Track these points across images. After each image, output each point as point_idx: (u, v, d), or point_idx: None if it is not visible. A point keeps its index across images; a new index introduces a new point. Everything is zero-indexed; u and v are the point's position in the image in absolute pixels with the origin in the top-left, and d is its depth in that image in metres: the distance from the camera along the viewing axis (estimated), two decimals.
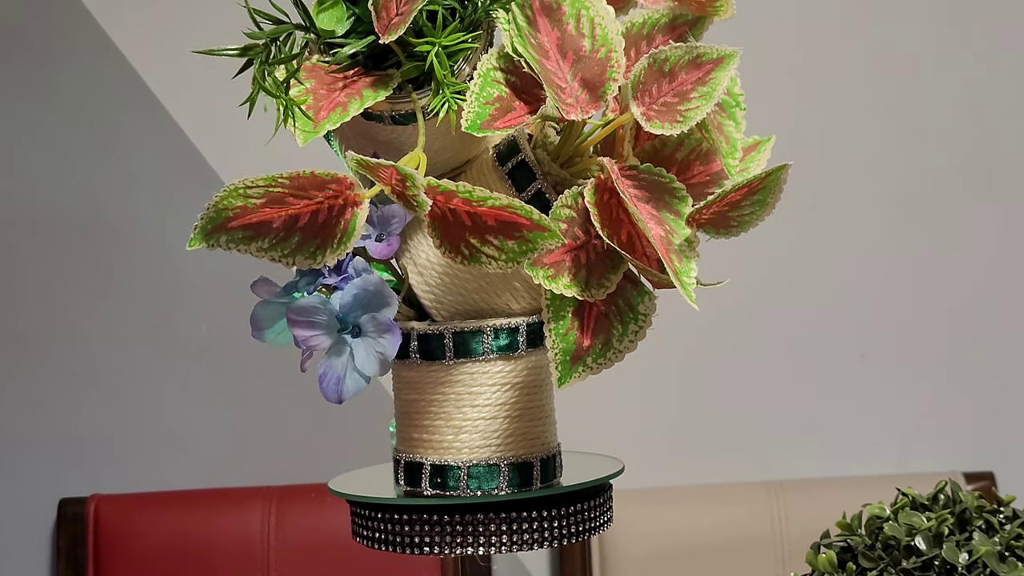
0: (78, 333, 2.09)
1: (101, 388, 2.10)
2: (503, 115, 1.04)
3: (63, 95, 2.08)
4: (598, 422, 2.03)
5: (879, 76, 2.15)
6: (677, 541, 2.04)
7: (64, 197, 2.08)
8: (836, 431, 2.16)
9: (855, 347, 2.16)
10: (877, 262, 2.16)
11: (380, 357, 1.06)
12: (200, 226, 1.01)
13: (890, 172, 2.16)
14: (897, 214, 2.16)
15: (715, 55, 1.05)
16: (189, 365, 2.10)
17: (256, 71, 1.03)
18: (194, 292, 2.09)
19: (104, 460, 2.10)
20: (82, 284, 2.09)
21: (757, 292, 2.14)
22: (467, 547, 1.09)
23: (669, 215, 1.03)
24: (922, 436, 2.17)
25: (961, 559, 1.05)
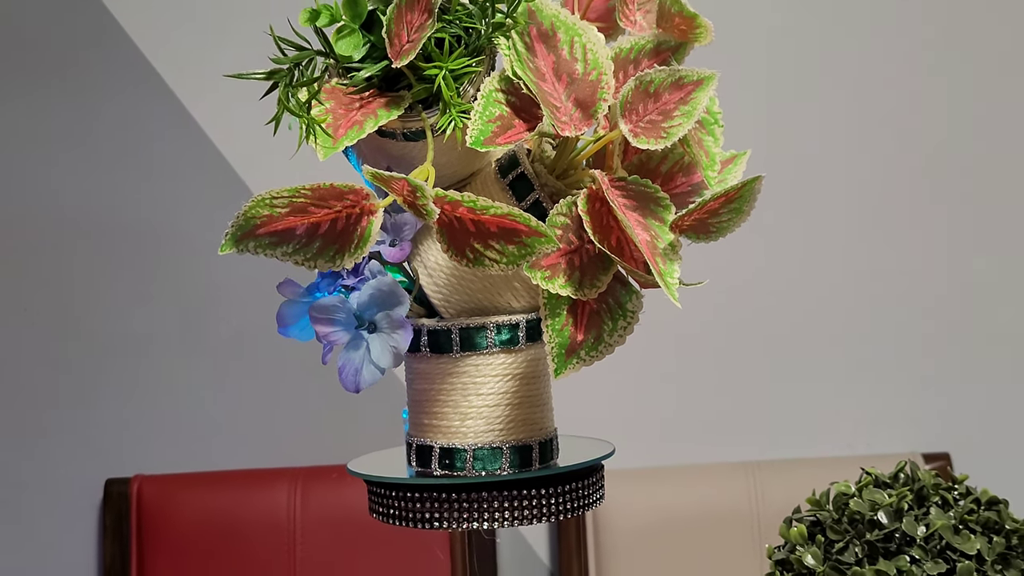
0: (123, 329, 2.09)
1: (143, 379, 2.10)
2: (504, 132, 1.04)
3: (109, 115, 2.08)
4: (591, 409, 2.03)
5: (846, 93, 2.14)
6: (664, 516, 2.04)
7: (110, 206, 2.08)
8: (808, 417, 2.16)
9: (826, 342, 2.16)
10: (845, 267, 2.16)
11: (394, 351, 1.06)
12: (231, 233, 1.01)
13: (853, 185, 2.15)
14: (861, 225, 2.16)
15: (695, 77, 1.05)
16: (222, 358, 2.10)
17: (281, 93, 1.03)
18: (226, 292, 2.09)
19: (146, 444, 2.10)
20: (126, 284, 2.09)
21: (737, 293, 2.14)
22: (473, 522, 1.09)
23: (654, 222, 1.03)
24: (885, 421, 2.16)
25: (919, 532, 1.05)
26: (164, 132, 2.09)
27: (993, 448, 2.16)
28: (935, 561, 1.03)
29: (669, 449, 2.14)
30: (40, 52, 2.07)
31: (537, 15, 1.07)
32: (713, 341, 2.14)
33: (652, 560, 2.02)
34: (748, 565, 2.00)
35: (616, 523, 2.03)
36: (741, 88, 2.10)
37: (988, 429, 2.17)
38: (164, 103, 2.08)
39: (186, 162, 2.08)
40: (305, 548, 2.03)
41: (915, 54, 2.15)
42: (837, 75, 2.14)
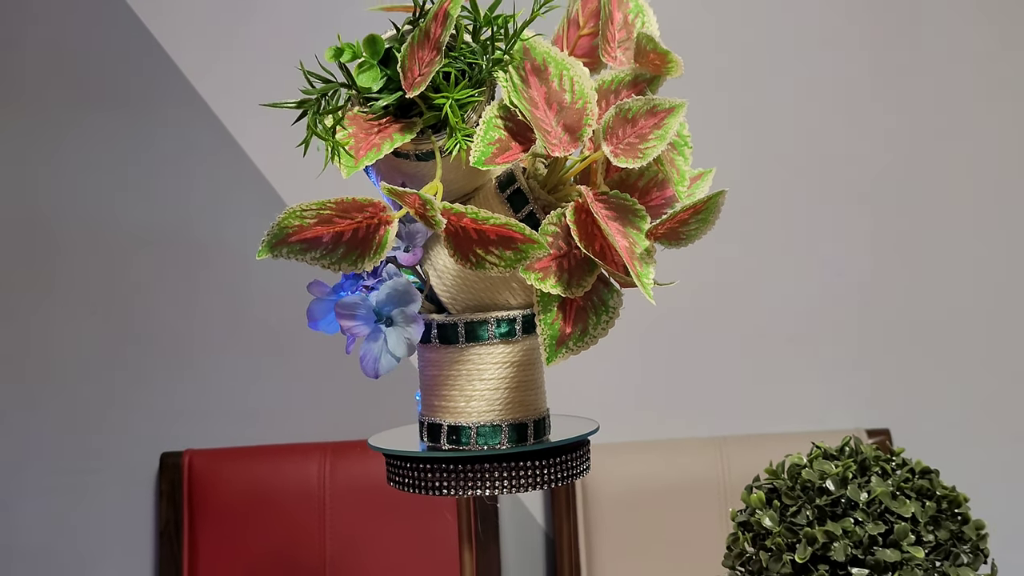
0: (174, 323, 2.09)
1: (193, 367, 2.10)
2: (502, 153, 1.04)
3: (160, 137, 2.08)
4: (579, 392, 2.03)
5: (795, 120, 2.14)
6: (642, 484, 2.04)
7: (164, 219, 2.08)
8: (767, 398, 2.16)
9: (785, 334, 2.15)
10: (799, 270, 2.16)
11: (408, 342, 1.06)
12: (266, 240, 1.01)
13: (807, 196, 2.15)
14: (809, 231, 2.16)
15: (668, 105, 1.05)
16: (260, 349, 2.10)
17: (310, 120, 1.04)
18: (264, 292, 2.08)
19: (196, 422, 2.10)
20: (178, 287, 2.09)
21: (705, 293, 2.13)
22: (477, 489, 1.09)
23: (632, 230, 1.03)
24: (833, 401, 2.16)
25: (862, 497, 1.05)
26: (210, 153, 2.08)
27: (926, 425, 2.16)
28: (875, 523, 1.03)
29: (647, 426, 2.14)
30: (106, 87, 2.07)
31: (531, 52, 1.07)
32: (685, 334, 2.14)
33: (632, 522, 2.02)
34: (715, 527, 2.00)
35: (601, 490, 2.03)
36: (708, 115, 2.10)
37: (922, 408, 2.17)
38: (211, 128, 2.08)
39: (229, 179, 2.08)
40: (333, 513, 2.03)
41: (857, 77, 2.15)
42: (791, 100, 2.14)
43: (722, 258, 2.12)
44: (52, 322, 2.08)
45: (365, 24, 1.13)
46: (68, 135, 2.07)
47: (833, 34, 2.15)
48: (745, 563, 1.08)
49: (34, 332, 2.09)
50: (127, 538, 2.09)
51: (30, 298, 2.09)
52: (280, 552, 2.02)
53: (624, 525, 2.02)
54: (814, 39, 2.15)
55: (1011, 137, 2.17)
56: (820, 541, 1.02)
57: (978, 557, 1.05)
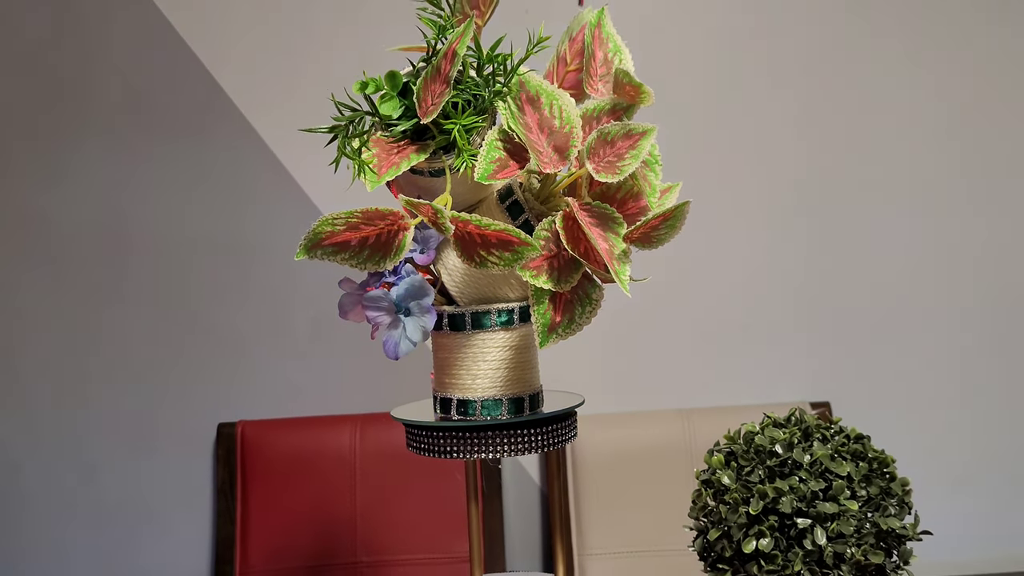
0: (230, 316, 2.08)
1: (245, 352, 2.09)
2: (502, 170, 1.03)
3: (218, 161, 2.07)
4: (567, 371, 2.02)
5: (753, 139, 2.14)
6: (621, 448, 2.03)
7: (219, 228, 2.08)
8: (726, 375, 2.15)
9: (739, 322, 2.15)
10: (751, 263, 2.15)
11: (423, 329, 1.05)
12: (303, 244, 1.01)
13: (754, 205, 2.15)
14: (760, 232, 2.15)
15: (641, 129, 1.04)
16: (301, 336, 2.09)
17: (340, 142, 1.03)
18: (303, 288, 2.08)
19: (247, 397, 2.10)
20: (232, 285, 2.08)
21: (673, 287, 2.13)
22: (482, 453, 1.09)
23: (612, 235, 1.03)
24: (782, 378, 2.15)
25: (805, 459, 1.04)
26: (260, 174, 2.08)
27: (861, 397, 2.15)
28: (817, 480, 1.03)
29: (625, 400, 2.13)
30: (176, 122, 2.06)
31: (526, 85, 1.06)
32: (658, 322, 2.14)
33: (614, 481, 2.01)
34: (682, 485, 1.99)
35: (587, 454, 2.02)
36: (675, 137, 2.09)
37: (857, 383, 2.16)
38: (258, 152, 2.07)
39: (275, 193, 2.07)
40: (363, 475, 2.02)
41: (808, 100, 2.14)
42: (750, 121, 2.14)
43: (687, 257, 2.12)
44: (129, 316, 2.08)
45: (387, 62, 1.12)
46: (143, 162, 2.07)
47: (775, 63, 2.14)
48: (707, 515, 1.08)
49: (115, 325, 2.08)
50: (191, 495, 2.09)
51: (114, 296, 2.08)
52: (318, 507, 2.01)
53: (606, 483, 2.02)
54: (759, 72, 2.14)
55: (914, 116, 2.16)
56: (770, 496, 1.02)
57: (903, 509, 1.04)
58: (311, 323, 2.09)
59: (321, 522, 2.00)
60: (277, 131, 2.07)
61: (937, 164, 2.15)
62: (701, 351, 2.14)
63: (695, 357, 2.14)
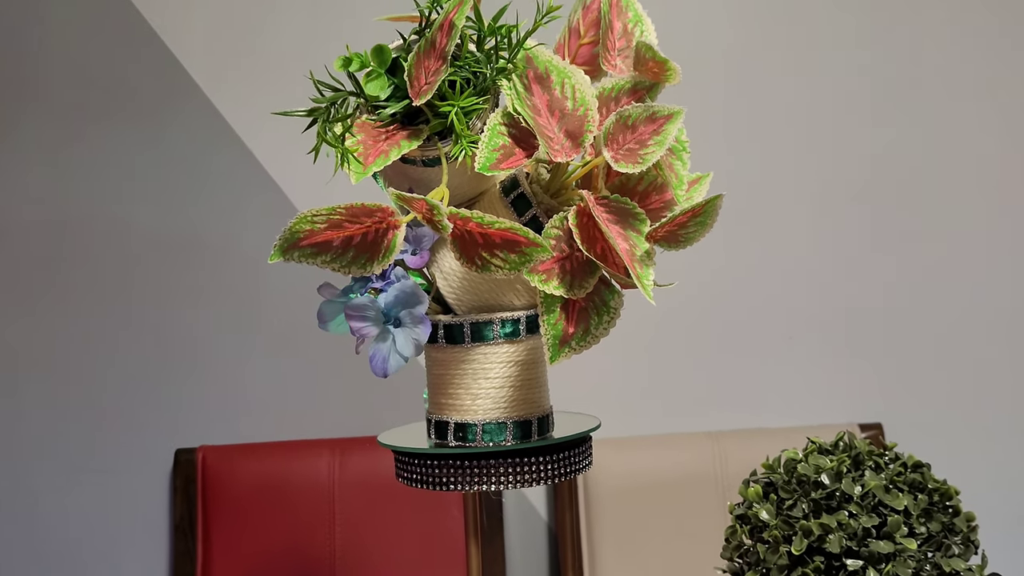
0: (188, 324, 2.09)
1: (207, 366, 2.10)
2: (506, 159, 1.03)
3: (172, 143, 2.08)
4: (581, 389, 2.03)
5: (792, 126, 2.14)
6: (642, 478, 2.04)
7: (175, 222, 2.08)
8: (763, 393, 2.15)
9: (781, 332, 2.15)
10: (793, 265, 2.15)
11: (415, 342, 1.06)
12: (278, 244, 1.01)
13: (802, 200, 2.15)
14: (807, 233, 2.16)
15: (666, 112, 1.05)
16: (274, 350, 2.10)
17: (320, 127, 1.03)
18: (275, 294, 2.08)
19: (209, 419, 2.10)
20: (194, 289, 2.09)
21: (701, 292, 2.13)
22: (482, 485, 1.09)
23: (632, 233, 1.03)
24: (827, 396, 2.16)
25: (856, 491, 1.04)
26: (223, 160, 2.08)
27: (918, 420, 2.16)
28: (869, 515, 1.03)
29: (647, 422, 2.14)
30: (114, 92, 2.07)
31: (534, 61, 1.06)
32: (684, 333, 2.14)
33: (632, 516, 2.02)
34: (713, 520, 2.00)
35: (602, 484, 2.03)
36: (706, 119, 2.10)
37: (915, 403, 2.16)
38: (222, 134, 2.08)
39: (242, 185, 2.08)
40: (343, 507, 2.03)
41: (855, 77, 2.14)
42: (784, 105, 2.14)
43: (719, 259, 2.12)
44: (69, 324, 2.08)
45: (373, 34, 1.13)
46: (88, 146, 2.07)
47: (830, 36, 2.15)
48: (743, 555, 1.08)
49: (52, 333, 2.09)
50: (143, 532, 2.09)
51: (47, 300, 2.09)
52: (291, 546, 2.02)
53: (624, 518, 2.02)
54: (809, 43, 2.14)
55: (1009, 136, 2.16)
56: (816, 533, 1.02)
57: (969, 548, 1.05)
58: (284, 334, 2.09)
59: (295, 564, 2.01)
60: (246, 114, 2.08)
61: (1018, 163, 2.16)
62: (734, 365, 2.15)
63: (727, 372, 2.15)
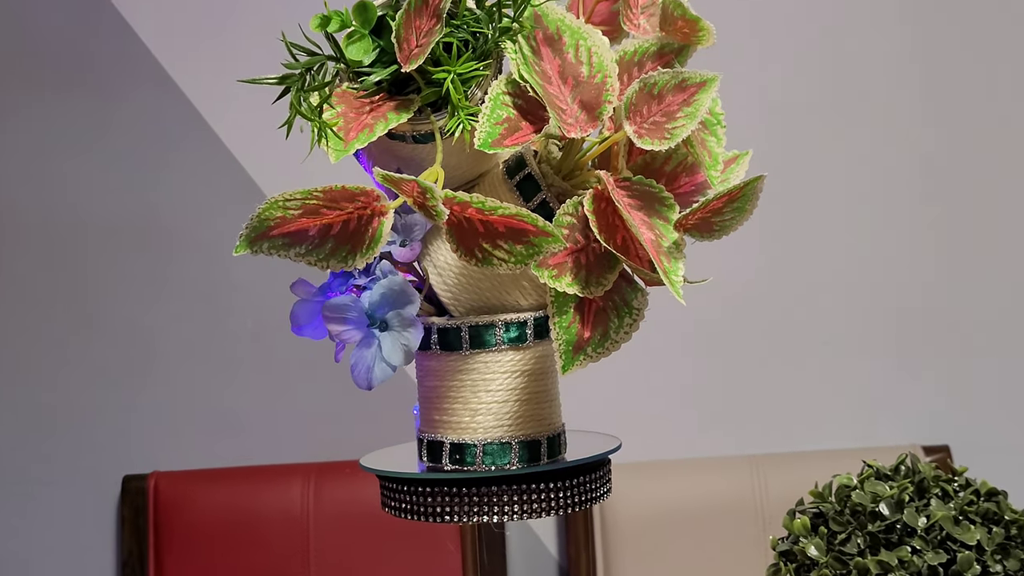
0: (139, 327, 2.09)
1: (160, 377, 2.10)
2: (511, 134, 1.03)
3: (125, 120, 2.08)
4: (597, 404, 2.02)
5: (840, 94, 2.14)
6: (669, 509, 2.04)
7: (125, 208, 2.08)
8: (809, 410, 2.15)
9: (824, 336, 2.15)
10: (845, 262, 2.15)
11: (405, 348, 1.06)
12: (245, 234, 1.01)
13: (853, 181, 2.15)
14: (860, 221, 2.15)
15: (698, 79, 1.05)
16: (238, 357, 2.10)
17: (293, 97, 1.03)
18: (241, 292, 2.09)
19: (162, 441, 2.10)
20: (142, 286, 2.09)
21: (738, 289, 2.13)
22: (483, 515, 1.09)
23: (659, 221, 1.03)
24: (886, 413, 2.16)
25: (920, 523, 1.04)
26: (178, 137, 2.09)
27: (992, 440, 2.16)
28: (936, 551, 1.03)
29: (673, 443, 2.14)
30: (59, 61, 2.07)
31: (543, 20, 1.06)
32: (715, 336, 2.14)
33: (658, 552, 2.02)
34: (752, 557, 2.00)
35: (623, 516, 2.03)
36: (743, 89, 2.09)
37: (987, 422, 2.16)
38: (179, 108, 2.08)
39: (200, 166, 2.08)
40: (319, 542, 2.03)
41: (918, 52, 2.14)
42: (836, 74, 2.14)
43: (758, 252, 2.12)
44: (1, 322, 2.09)
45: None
46: (23, 116, 2.07)
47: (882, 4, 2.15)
48: None
49: None
50: (87, 571, 2.09)
51: None
52: None
53: (648, 556, 2.02)
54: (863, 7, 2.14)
55: None
56: (873, 573, 1.02)
57: None
58: (252, 340, 2.09)
59: None
60: (205, 83, 2.08)
61: None
62: (776, 376, 2.15)
63: (768, 384, 2.15)
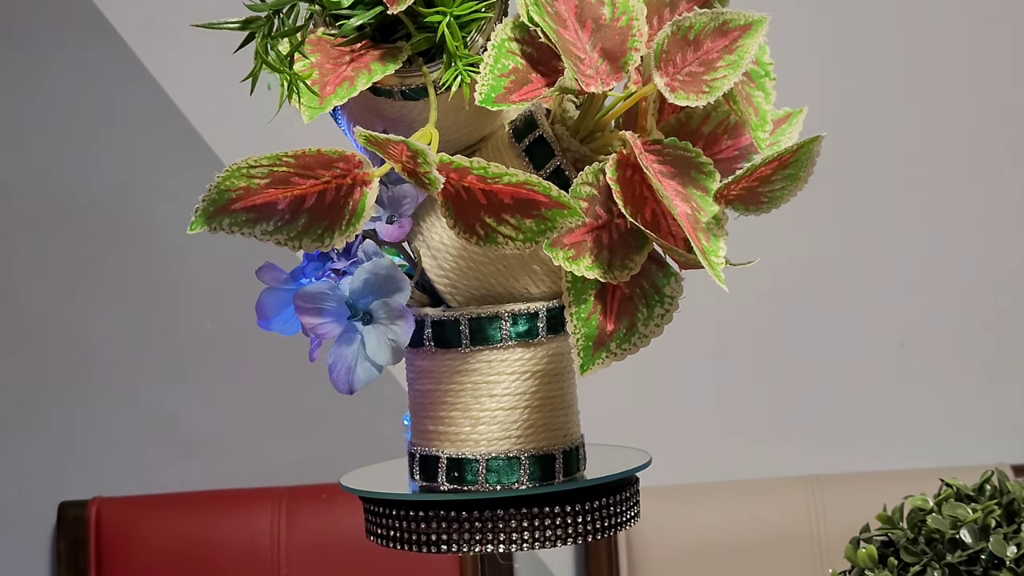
0: (75, 329, 2.10)
1: (101, 387, 2.10)
2: (519, 88, 1.04)
3: (54, 76, 2.08)
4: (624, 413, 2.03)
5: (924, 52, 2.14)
6: (709, 539, 2.04)
7: (56, 185, 2.09)
8: (875, 423, 2.16)
9: (894, 335, 2.15)
10: (918, 251, 2.15)
11: (392, 345, 1.06)
12: (202, 208, 1.01)
13: (931, 157, 2.15)
14: (936, 201, 2.15)
15: (742, 21, 1.05)
16: (193, 359, 2.11)
17: (258, 45, 1.03)
18: (196, 282, 2.09)
19: (105, 461, 2.11)
20: (78, 277, 2.09)
21: (787, 277, 2.13)
22: (487, 544, 1.09)
23: (696, 191, 1.03)
24: (965, 427, 2.16)
25: (1010, 552, 1.05)
26: (119, 96, 2.09)
27: None
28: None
29: (713, 461, 2.14)
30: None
31: None
32: (762, 334, 2.14)
33: None
34: None
35: (653, 546, 2.03)
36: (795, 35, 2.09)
37: None
38: (119, 61, 2.08)
39: (145, 129, 2.09)
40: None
41: None
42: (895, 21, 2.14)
43: (816, 230, 2.12)
44: None
45: None
46: None
47: None
48: None
49: None
50: None
51: None
52: None
53: None
54: None
55: None
56: None
57: None
58: (210, 338, 2.10)
59: None
60: (150, 29, 2.09)
61: None
62: (836, 383, 2.15)
63: (826, 392, 2.15)
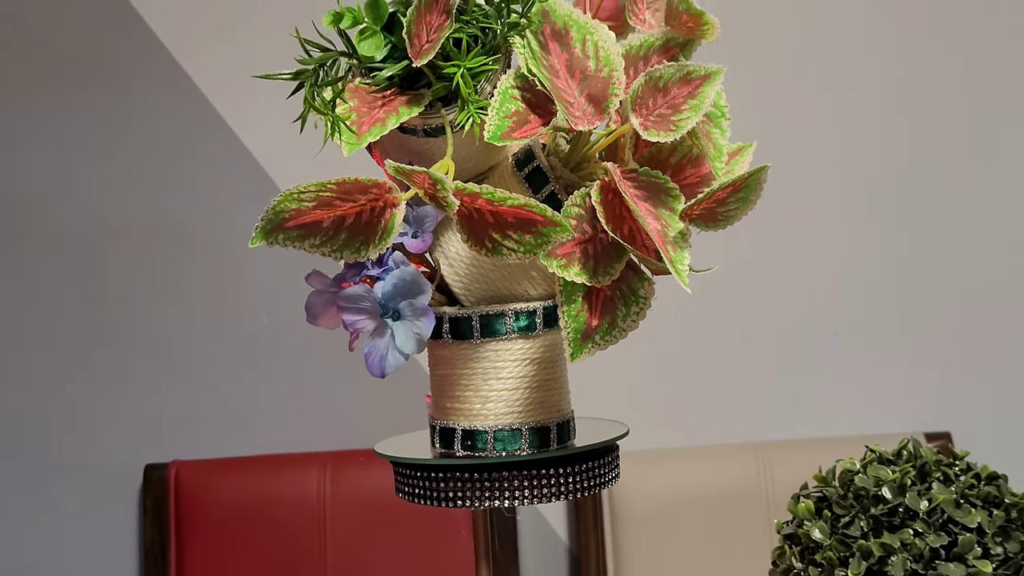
0: (159, 325, 2.10)
1: (179, 371, 2.10)
2: (520, 127, 1.03)
3: (141, 118, 2.08)
4: (606, 392, 2.03)
5: (842, 86, 2.14)
6: (677, 495, 2.04)
7: (142, 207, 2.09)
8: (813, 398, 2.15)
9: (830, 327, 2.15)
10: (844, 251, 2.15)
11: (417, 337, 1.06)
12: (260, 226, 1.01)
13: (853, 171, 2.15)
14: (861, 211, 2.15)
15: (703, 72, 1.05)
16: (254, 349, 2.10)
17: (307, 92, 1.04)
18: (256, 286, 2.09)
19: (182, 431, 2.11)
20: (159, 282, 2.09)
21: (741, 280, 2.13)
22: (494, 500, 1.09)
23: (665, 211, 1.03)
24: (887, 401, 2.16)
25: (922, 506, 1.04)
26: (194, 133, 2.09)
27: (992, 425, 2.15)
28: (937, 534, 1.03)
29: (680, 430, 2.14)
30: (73, 60, 2.07)
31: (551, 15, 1.06)
32: (720, 327, 2.14)
33: (666, 537, 2.02)
34: (758, 540, 2.00)
35: (631, 501, 2.03)
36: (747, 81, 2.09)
37: (988, 407, 2.16)
38: (194, 105, 2.08)
39: (215, 161, 2.09)
40: (335, 529, 2.03)
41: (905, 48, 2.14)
42: (832, 66, 2.14)
43: (763, 241, 2.12)
44: (22, 320, 2.09)
45: None
46: (34, 118, 2.08)
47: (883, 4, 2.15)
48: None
49: (2, 332, 2.09)
50: (107, 561, 2.10)
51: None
52: (276, 574, 2.02)
53: (656, 541, 2.02)
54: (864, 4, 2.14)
55: None
56: (876, 555, 1.02)
57: None
58: (268, 330, 2.10)
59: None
60: (219, 78, 2.08)
61: None
62: (780, 364, 2.15)
63: (772, 372, 2.15)
